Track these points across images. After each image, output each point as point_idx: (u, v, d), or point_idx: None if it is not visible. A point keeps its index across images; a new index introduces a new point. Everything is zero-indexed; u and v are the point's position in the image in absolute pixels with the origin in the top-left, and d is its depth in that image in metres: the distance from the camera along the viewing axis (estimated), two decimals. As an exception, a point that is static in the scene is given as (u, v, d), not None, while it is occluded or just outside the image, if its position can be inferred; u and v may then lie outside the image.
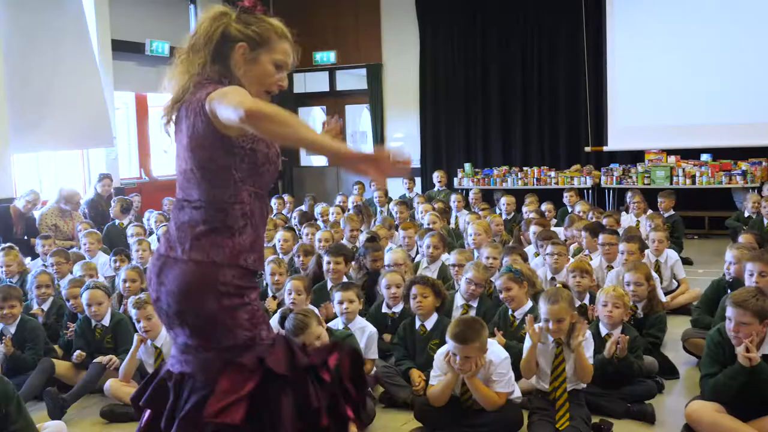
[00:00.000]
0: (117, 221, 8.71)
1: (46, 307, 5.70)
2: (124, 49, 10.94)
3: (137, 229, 7.90)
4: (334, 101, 13.54)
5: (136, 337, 4.73)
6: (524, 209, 8.91)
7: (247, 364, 2.35)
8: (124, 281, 5.70)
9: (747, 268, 4.64)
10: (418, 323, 4.74)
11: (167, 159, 12.32)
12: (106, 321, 5.10)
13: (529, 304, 4.77)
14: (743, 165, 10.58)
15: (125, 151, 11.57)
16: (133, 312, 4.76)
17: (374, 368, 4.62)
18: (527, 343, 4.14)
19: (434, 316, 4.71)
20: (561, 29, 12.10)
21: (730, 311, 3.78)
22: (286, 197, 10.69)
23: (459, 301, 5.13)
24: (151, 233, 8.29)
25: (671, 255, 6.67)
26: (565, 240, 7.09)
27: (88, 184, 10.58)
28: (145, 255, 6.83)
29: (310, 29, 12.83)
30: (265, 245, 2.49)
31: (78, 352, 5.00)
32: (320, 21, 12.98)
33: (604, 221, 7.42)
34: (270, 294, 5.68)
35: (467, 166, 12.30)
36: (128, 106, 11.78)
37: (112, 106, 10.58)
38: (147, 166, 11.83)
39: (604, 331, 4.51)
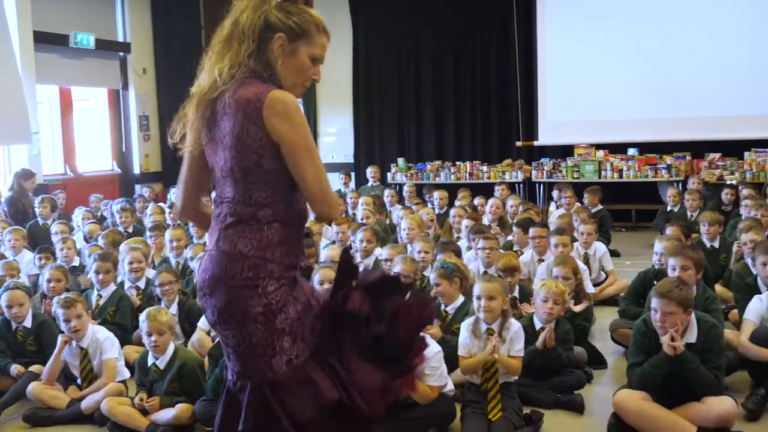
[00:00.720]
0: (42, 221, 8.41)
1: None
2: (47, 41, 10.57)
3: (62, 227, 7.64)
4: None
5: (60, 338, 4.58)
6: (457, 203, 8.98)
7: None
8: (48, 281, 5.51)
9: (669, 263, 4.73)
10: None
11: (92, 154, 12.03)
12: (28, 322, 4.91)
13: (461, 299, 4.78)
14: (668, 159, 10.90)
15: (49, 146, 11.20)
16: (60, 312, 4.59)
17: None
18: (463, 338, 4.17)
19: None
20: (493, 24, 12.25)
21: (655, 302, 3.85)
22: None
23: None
24: (75, 231, 8.05)
25: (599, 247, 6.80)
26: (489, 225, 7.18)
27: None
28: (69, 254, 6.63)
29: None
30: (299, 239, 2.50)
31: (16, 367, 4.74)
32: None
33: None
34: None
35: (400, 161, 12.34)
36: (52, 99, 11.41)
37: (33, 101, 10.21)
38: (72, 161, 11.49)
39: (538, 324, 4.55)
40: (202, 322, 4.98)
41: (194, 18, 12.87)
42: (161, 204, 9.34)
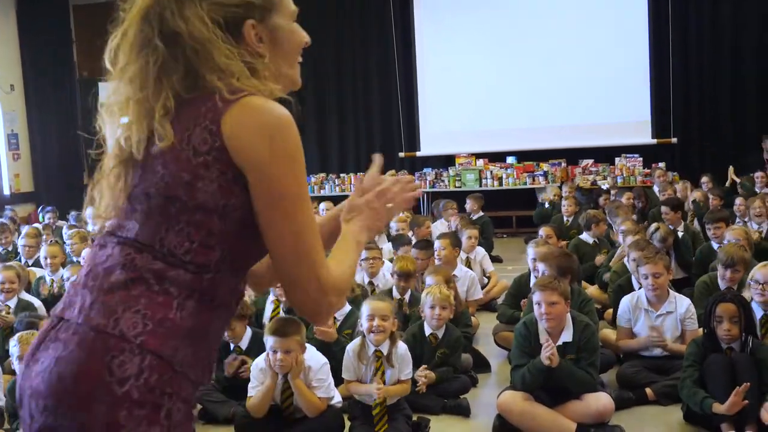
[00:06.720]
0: None
1: None
2: None
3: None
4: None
5: None
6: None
7: None
8: None
9: (539, 268, 4.89)
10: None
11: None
12: None
13: (348, 307, 4.79)
14: (545, 166, 11.30)
15: None
16: None
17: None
18: (348, 360, 4.16)
19: (249, 331, 4.60)
20: (372, 36, 12.43)
21: (537, 296, 3.99)
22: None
23: (270, 298, 5.15)
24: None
25: (479, 251, 7.02)
26: None
27: None
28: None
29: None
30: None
31: None
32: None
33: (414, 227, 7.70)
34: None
35: (285, 174, 12.25)
36: None
37: None
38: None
39: (428, 330, 4.59)
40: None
41: (64, 32, 12.41)
42: (37, 225, 8.93)
